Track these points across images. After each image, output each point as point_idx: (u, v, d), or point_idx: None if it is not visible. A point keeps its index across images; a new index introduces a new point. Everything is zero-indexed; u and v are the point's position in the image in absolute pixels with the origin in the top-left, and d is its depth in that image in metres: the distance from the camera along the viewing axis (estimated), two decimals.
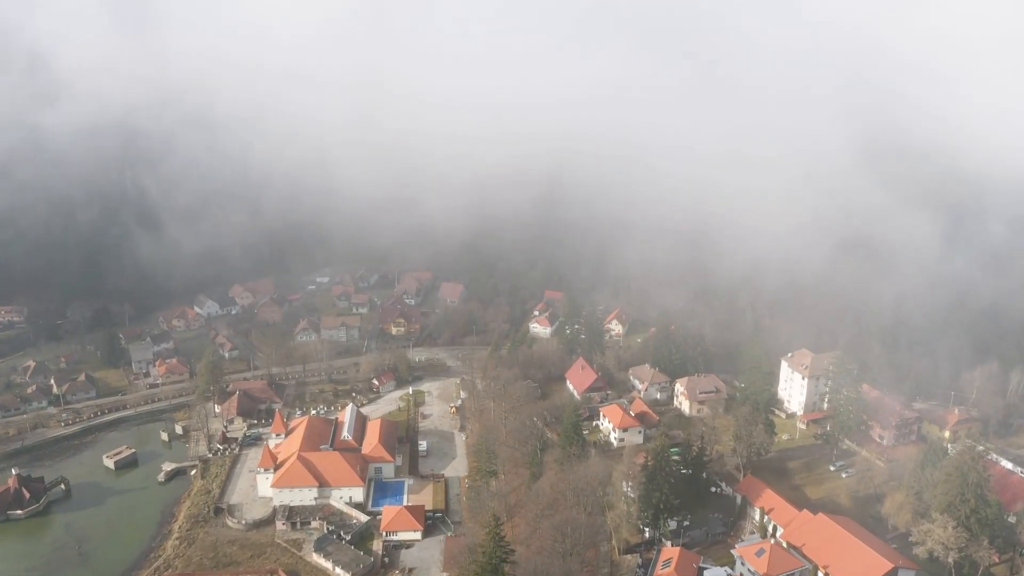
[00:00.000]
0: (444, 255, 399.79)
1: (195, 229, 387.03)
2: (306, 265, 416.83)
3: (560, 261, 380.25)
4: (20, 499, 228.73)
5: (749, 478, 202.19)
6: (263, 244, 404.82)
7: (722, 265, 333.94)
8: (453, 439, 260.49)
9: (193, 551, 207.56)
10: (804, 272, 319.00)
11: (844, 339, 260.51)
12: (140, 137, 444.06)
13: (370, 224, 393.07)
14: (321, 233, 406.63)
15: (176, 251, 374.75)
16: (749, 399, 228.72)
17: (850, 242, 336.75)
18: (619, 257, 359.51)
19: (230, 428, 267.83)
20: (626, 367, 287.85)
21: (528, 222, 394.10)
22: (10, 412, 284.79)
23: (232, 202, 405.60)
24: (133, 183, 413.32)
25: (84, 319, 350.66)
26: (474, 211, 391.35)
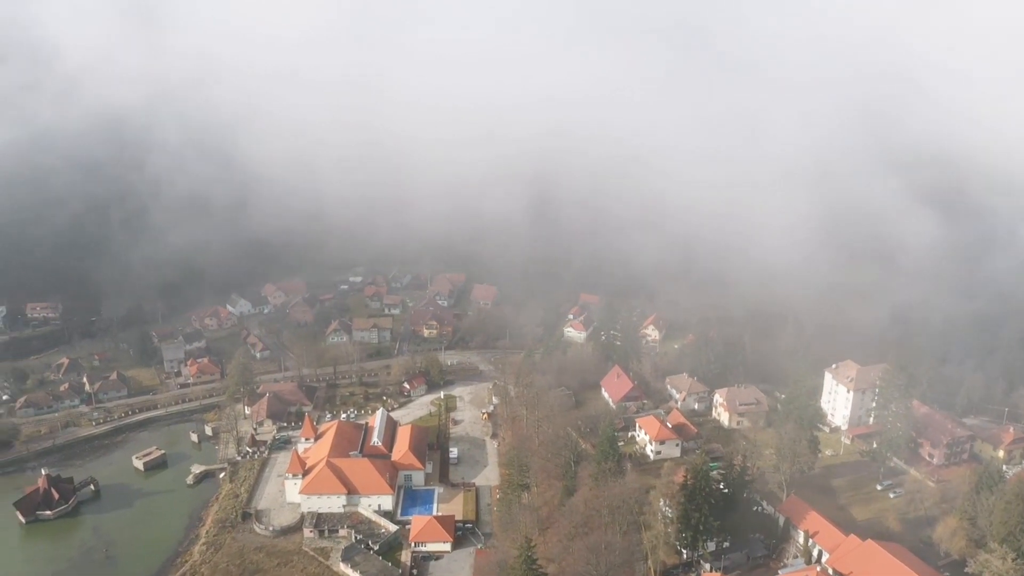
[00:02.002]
0: (475, 255, 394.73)
1: (227, 227, 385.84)
2: (336, 264, 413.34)
3: (594, 264, 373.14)
4: (49, 500, 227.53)
5: (792, 498, 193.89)
6: (294, 243, 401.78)
7: (737, 269, 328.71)
8: (484, 446, 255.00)
9: (220, 557, 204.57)
10: (821, 279, 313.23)
11: (891, 351, 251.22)
12: (153, 135, 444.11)
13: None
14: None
15: (207, 249, 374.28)
16: (792, 414, 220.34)
17: (868, 247, 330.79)
18: (651, 260, 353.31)
19: (259, 431, 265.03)
20: (663, 375, 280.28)
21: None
22: (42, 410, 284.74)
23: (261, 201, 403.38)
24: (157, 181, 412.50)
25: (118, 317, 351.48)
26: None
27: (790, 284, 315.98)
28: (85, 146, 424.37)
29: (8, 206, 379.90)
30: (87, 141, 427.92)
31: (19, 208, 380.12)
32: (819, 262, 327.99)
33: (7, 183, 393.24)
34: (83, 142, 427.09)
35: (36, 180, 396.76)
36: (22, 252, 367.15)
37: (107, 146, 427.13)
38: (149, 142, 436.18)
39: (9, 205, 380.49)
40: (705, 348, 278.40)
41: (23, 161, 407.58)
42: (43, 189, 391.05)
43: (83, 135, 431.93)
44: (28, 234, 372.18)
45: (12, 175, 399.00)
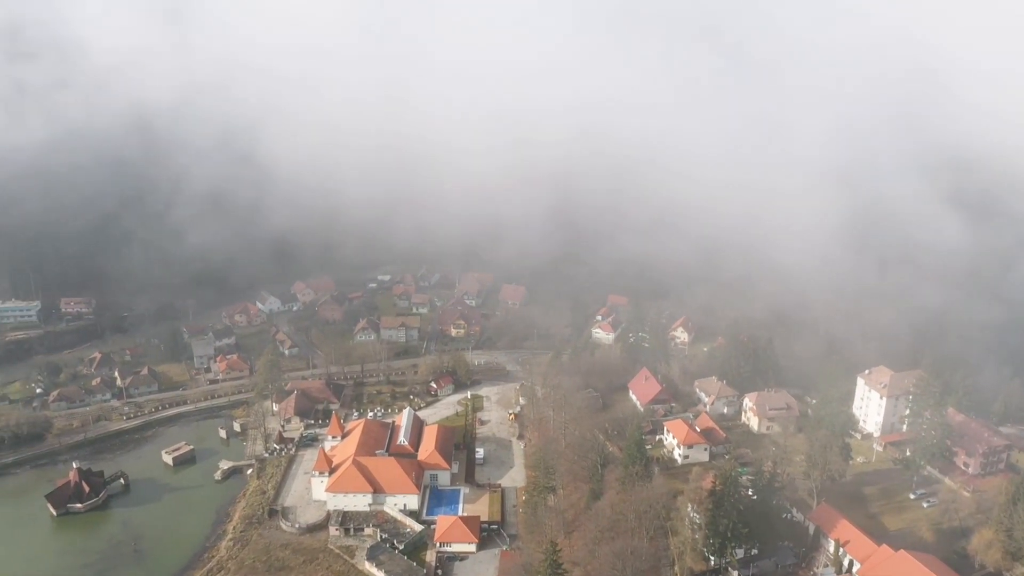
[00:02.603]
0: (520, 257, 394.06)
1: (253, 225, 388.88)
2: (364, 263, 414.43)
3: (623, 265, 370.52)
4: (80, 493, 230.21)
5: (823, 506, 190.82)
6: (320, 241, 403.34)
7: (765, 271, 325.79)
8: (511, 447, 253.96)
9: (246, 553, 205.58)
10: (848, 282, 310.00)
11: (926, 357, 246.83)
12: (179, 134, 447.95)
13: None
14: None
15: (235, 247, 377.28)
16: (824, 419, 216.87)
17: (895, 251, 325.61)
18: (680, 262, 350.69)
19: (287, 428, 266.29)
20: (692, 378, 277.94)
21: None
22: (75, 404, 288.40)
23: (286, 200, 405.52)
24: (183, 179, 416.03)
25: (149, 312, 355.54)
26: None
27: (819, 288, 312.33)
28: (113, 144, 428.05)
29: (43, 203, 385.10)
30: (115, 139, 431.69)
31: (54, 205, 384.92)
32: (845, 265, 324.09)
33: (42, 180, 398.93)
34: (111, 140, 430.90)
35: (68, 177, 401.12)
36: (57, 248, 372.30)
37: (134, 144, 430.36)
38: (175, 140, 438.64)
39: (44, 202, 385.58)
40: (735, 351, 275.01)
41: (56, 158, 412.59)
42: (77, 186, 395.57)
43: (111, 133, 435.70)
44: (63, 230, 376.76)
45: (46, 172, 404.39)
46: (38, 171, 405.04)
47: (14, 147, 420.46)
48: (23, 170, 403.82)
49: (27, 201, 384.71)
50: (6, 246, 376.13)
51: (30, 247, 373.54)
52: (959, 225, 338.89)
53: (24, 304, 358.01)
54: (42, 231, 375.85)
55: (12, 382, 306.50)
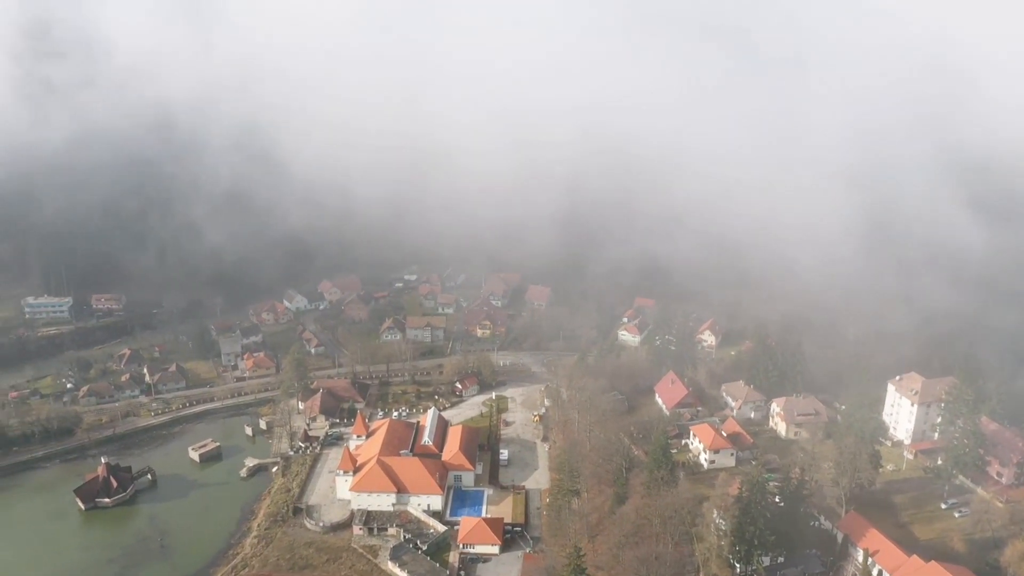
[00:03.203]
0: (533, 257, 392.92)
1: (279, 224, 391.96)
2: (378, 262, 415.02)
3: (650, 267, 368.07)
4: (108, 488, 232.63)
5: (852, 514, 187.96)
6: (354, 240, 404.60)
7: (792, 274, 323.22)
8: (535, 449, 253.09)
9: (270, 551, 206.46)
10: (871, 286, 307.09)
11: (958, 363, 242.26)
12: (200, 133, 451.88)
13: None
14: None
15: (262, 245, 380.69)
16: (853, 426, 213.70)
17: (919, 253, 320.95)
18: (706, 264, 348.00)
19: (312, 426, 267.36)
20: (718, 382, 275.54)
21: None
22: (104, 399, 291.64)
23: (308, 200, 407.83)
24: (209, 178, 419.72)
25: (178, 310, 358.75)
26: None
27: (846, 291, 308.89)
28: (135, 142, 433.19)
29: (71, 200, 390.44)
30: (137, 137, 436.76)
31: (82, 202, 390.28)
32: (870, 269, 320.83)
33: (69, 177, 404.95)
34: (134, 138, 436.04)
35: (93, 174, 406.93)
36: (89, 245, 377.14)
37: (156, 142, 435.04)
38: (195, 139, 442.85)
39: (72, 199, 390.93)
40: (762, 355, 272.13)
41: (81, 155, 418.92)
42: (102, 184, 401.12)
43: (133, 131, 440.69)
44: (91, 228, 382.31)
45: (72, 169, 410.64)
46: (64, 168, 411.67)
47: (42, 144, 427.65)
48: (51, 167, 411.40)
49: (57, 198, 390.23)
50: (39, 243, 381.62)
51: (62, 244, 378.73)
52: (982, 228, 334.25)
53: (56, 300, 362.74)
54: (74, 228, 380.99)
55: (43, 377, 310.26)
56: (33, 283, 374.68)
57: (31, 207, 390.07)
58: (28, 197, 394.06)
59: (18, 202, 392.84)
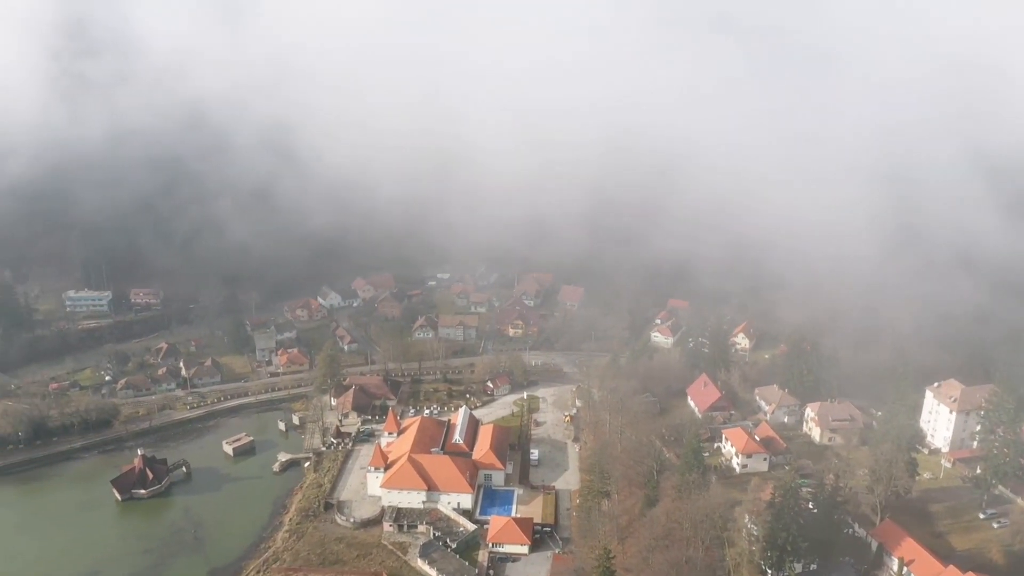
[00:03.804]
0: (558, 257, 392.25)
1: (303, 222, 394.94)
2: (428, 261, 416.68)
3: (680, 268, 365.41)
4: (144, 479, 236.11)
5: (887, 522, 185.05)
6: (383, 238, 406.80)
7: (823, 277, 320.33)
8: (566, 449, 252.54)
9: (301, 545, 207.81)
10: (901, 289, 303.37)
11: (999, 370, 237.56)
12: (230, 130, 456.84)
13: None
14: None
15: (298, 242, 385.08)
16: (889, 433, 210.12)
17: (948, 256, 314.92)
18: (739, 267, 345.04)
19: (344, 422, 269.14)
20: (752, 386, 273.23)
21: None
22: (141, 392, 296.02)
23: (337, 199, 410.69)
24: (238, 176, 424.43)
25: (214, 305, 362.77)
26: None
27: (878, 294, 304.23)
28: (168, 139, 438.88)
29: (109, 195, 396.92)
30: (170, 134, 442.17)
31: (120, 198, 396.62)
32: (895, 270, 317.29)
33: (107, 173, 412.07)
34: (167, 135, 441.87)
35: (130, 171, 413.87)
36: (128, 240, 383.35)
37: (188, 140, 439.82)
38: (226, 137, 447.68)
39: (110, 194, 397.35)
40: (797, 359, 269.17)
41: (117, 152, 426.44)
42: (137, 180, 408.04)
43: (166, 128, 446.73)
44: (131, 223, 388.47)
45: (107, 165, 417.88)
46: (101, 165, 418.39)
47: (79, 141, 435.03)
48: (88, 164, 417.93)
49: (94, 194, 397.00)
50: (80, 237, 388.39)
51: (101, 239, 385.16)
52: (1012, 230, 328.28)
53: (96, 294, 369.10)
54: (112, 224, 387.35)
55: (83, 369, 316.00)
56: (74, 277, 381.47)
57: (71, 203, 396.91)
58: (68, 193, 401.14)
59: (59, 198, 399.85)
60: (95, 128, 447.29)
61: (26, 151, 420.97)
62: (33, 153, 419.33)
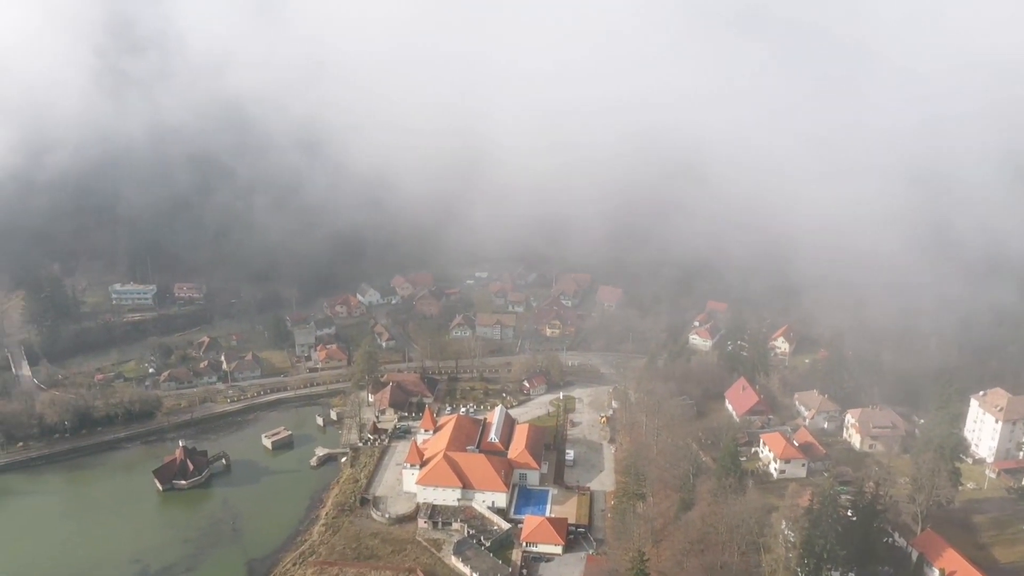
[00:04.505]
0: (588, 257, 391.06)
1: (344, 219, 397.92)
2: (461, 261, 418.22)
3: (725, 270, 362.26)
4: (185, 470, 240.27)
5: (928, 532, 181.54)
6: (407, 237, 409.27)
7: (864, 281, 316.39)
8: (601, 450, 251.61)
9: (337, 539, 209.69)
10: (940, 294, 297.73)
11: None
12: (266, 128, 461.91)
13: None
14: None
15: (324, 239, 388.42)
16: (932, 441, 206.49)
17: (987, 262, 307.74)
18: (789, 270, 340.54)
19: (381, 419, 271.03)
20: (791, 391, 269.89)
21: None
22: (183, 385, 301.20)
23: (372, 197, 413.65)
24: (273, 174, 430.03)
25: (255, 300, 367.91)
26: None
27: (926, 302, 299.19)
28: (206, 136, 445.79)
29: (154, 191, 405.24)
30: (208, 132, 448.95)
31: (166, 193, 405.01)
32: (951, 278, 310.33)
33: (155, 169, 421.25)
34: (204, 133, 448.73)
35: (176, 167, 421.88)
36: (173, 235, 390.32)
37: (226, 138, 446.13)
38: (263, 136, 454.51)
39: (155, 190, 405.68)
40: (838, 365, 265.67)
41: (165, 149, 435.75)
42: (188, 176, 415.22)
43: (204, 126, 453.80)
44: (175, 218, 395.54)
45: (156, 161, 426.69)
46: (144, 160, 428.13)
47: (124, 136, 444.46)
48: (133, 159, 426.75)
49: (138, 188, 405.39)
50: (126, 232, 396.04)
51: (147, 233, 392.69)
52: None
53: (141, 288, 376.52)
54: (156, 218, 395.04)
55: (127, 361, 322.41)
56: (120, 271, 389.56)
57: (116, 198, 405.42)
58: (113, 188, 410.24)
59: (105, 193, 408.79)
60: (137, 124, 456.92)
61: (72, 145, 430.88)
62: (78, 147, 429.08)
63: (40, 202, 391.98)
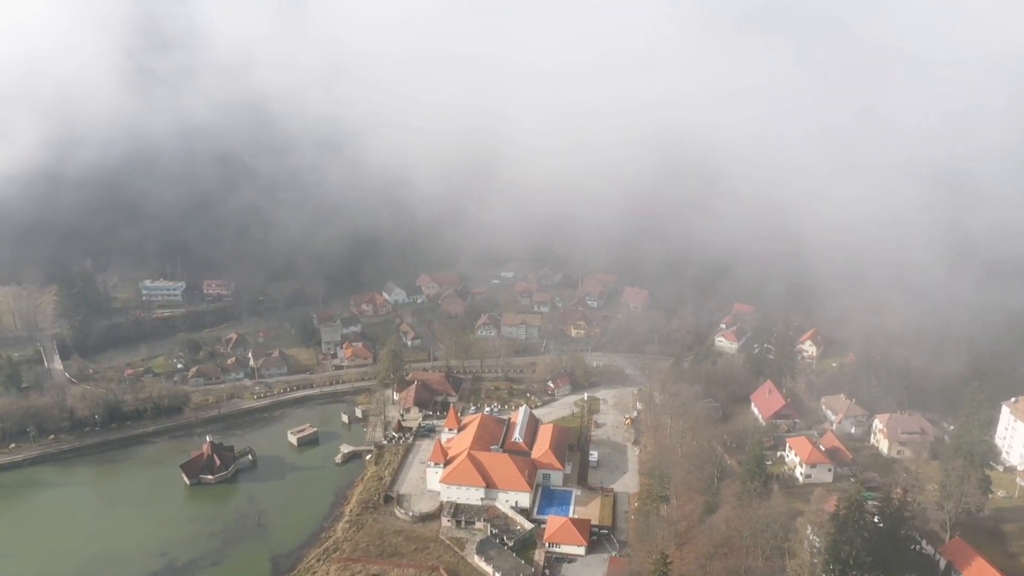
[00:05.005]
0: (627, 257, 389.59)
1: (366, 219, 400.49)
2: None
3: (742, 270, 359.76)
4: (212, 465, 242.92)
5: (956, 540, 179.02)
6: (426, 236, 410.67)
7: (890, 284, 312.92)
8: (625, 452, 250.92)
9: (361, 536, 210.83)
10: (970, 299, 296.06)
11: None
12: (291, 127, 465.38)
13: None
14: None
15: (362, 238, 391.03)
16: (962, 448, 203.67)
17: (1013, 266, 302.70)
18: (807, 270, 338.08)
19: (406, 417, 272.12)
20: (818, 394, 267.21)
21: None
22: (211, 380, 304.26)
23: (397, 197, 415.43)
24: (294, 173, 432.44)
25: (283, 297, 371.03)
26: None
27: (959, 305, 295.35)
28: (230, 135, 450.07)
29: (182, 188, 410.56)
30: (232, 130, 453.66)
31: (193, 191, 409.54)
32: (955, 277, 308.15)
33: (183, 167, 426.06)
34: (231, 131, 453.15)
35: (204, 165, 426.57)
36: (201, 232, 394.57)
37: (251, 137, 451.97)
38: (286, 135, 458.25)
39: (183, 188, 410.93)
40: (867, 369, 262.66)
41: (193, 147, 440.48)
42: (216, 174, 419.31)
43: (228, 124, 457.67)
44: (199, 216, 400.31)
45: (184, 159, 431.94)
46: (172, 158, 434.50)
47: (152, 134, 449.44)
48: (161, 157, 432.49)
49: (167, 186, 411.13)
50: (156, 229, 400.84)
51: (176, 231, 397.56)
52: None
53: (171, 284, 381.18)
54: (185, 215, 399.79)
55: (157, 357, 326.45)
56: (150, 267, 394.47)
57: (146, 196, 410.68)
58: (143, 185, 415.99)
59: (135, 191, 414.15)
60: (163, 123, 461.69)
61: (101, 142, 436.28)
62: (107, 144, 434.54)
63: (71, 199, 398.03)
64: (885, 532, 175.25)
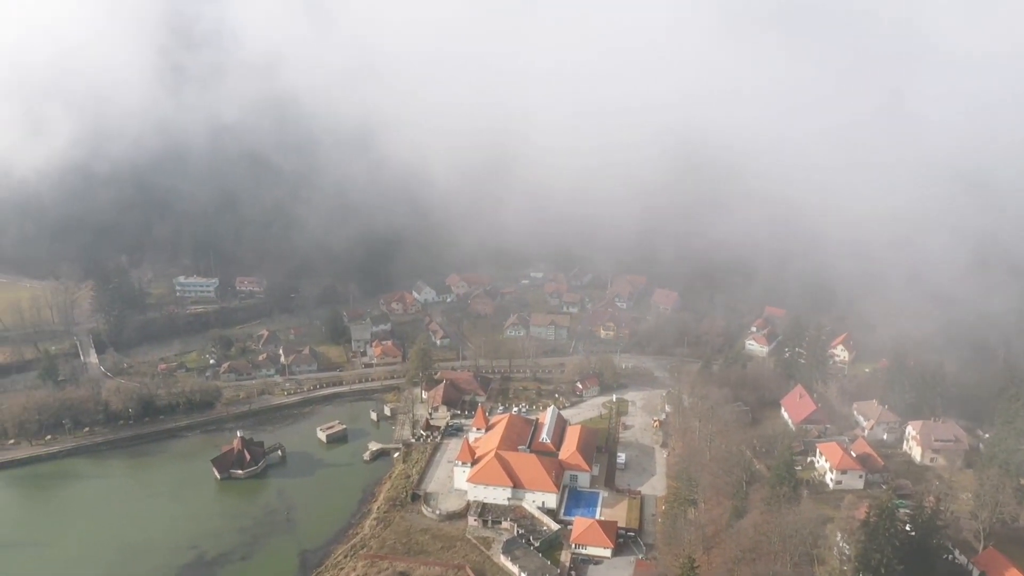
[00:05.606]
0: (657, 259, 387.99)
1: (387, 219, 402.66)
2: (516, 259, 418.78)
3: (773, 273, 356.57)
4: (242, 460, 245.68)
5: (990, 550, 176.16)
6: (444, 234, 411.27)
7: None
8: (653, 455, 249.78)
9: (388, 534, 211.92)
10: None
11: None
12: (319, 125, 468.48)
13: None
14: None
15: (391, 237, 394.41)
16: (997, 457, 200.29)
17: None
18: (834, 272, 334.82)
19: (434, 416, 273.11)
20: (850, 400, 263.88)
21: None
22: (242, 376, 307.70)
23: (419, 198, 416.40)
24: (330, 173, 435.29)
25: (314, 295, 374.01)
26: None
27: (993, 311, 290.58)
28: (257, 134, 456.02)
29: (215, 185, 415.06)
30: (259, 129, 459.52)
31: (223, 188, 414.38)
32: (983, 282, 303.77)
33: (215, 165, 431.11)
34: (259, 130, 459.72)
35: (234, 163, 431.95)
36: (233, 229, 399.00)
37: (277, 135, 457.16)
38: (312, 136, 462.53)
39: (215, 184, 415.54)
40: (900, 375, 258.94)
41: (223, 145, 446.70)
42: (247, 172, 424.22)
43: (259, 123, 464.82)
44: (234, 213, 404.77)
45: (216, 157, 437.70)
46: (202, 156, 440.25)
47: (184, 133, 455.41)
48: (192, 155, 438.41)
49: (200, 183, 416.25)
50: (189, 226, 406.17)
51: (209, 228, 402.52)
52: None
53: (204, 281, 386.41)
54: (218, 212, 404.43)
55: (190, 352, 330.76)
56: (184, 264, 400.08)
57: (180, 193, 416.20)
58: (176, 183, 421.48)
59: (169, 188, 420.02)
60: (193, 121, 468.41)
61: (134, 139, 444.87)
62: (139, 141, 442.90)
63: (104, 195, 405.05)
64: (917, 541, 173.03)
